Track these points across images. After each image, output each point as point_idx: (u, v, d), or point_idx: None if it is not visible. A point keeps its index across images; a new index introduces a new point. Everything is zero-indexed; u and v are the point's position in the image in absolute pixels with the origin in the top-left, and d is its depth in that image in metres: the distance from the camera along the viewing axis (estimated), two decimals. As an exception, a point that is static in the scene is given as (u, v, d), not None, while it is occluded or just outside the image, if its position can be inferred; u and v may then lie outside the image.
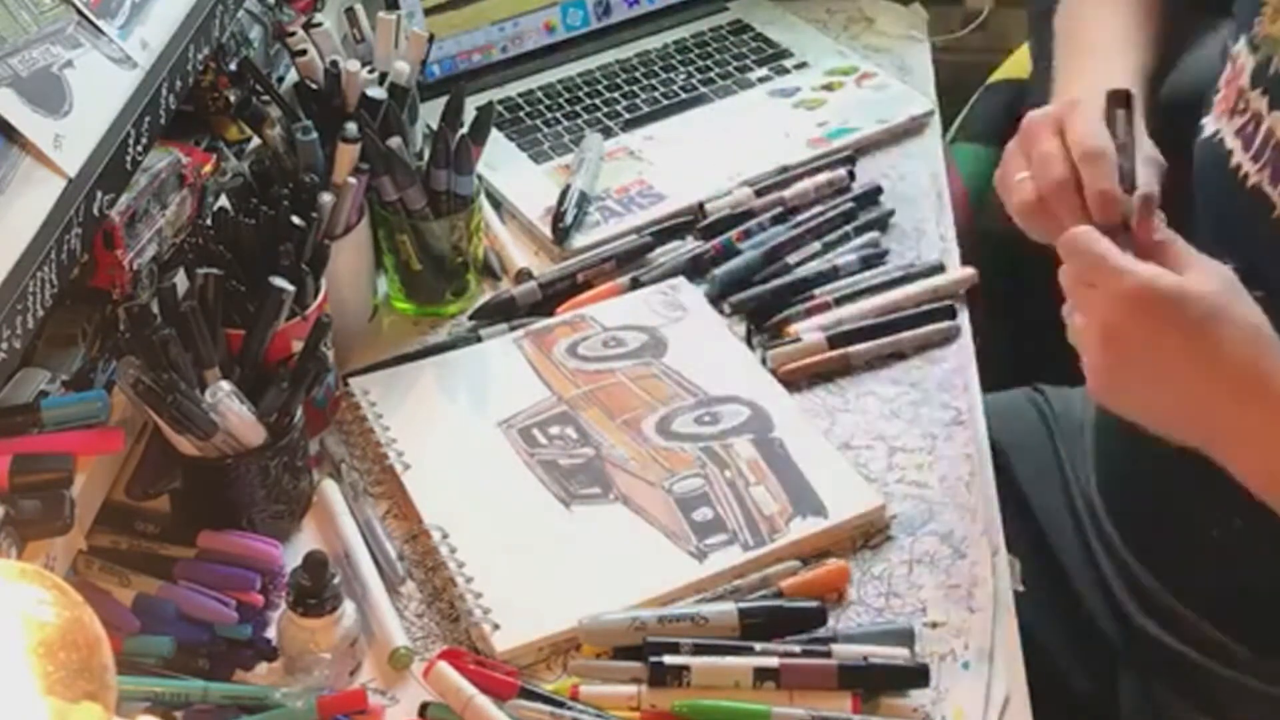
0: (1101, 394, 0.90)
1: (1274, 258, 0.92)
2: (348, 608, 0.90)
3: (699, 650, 0.88)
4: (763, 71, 1.44)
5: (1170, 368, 0.85)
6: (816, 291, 1.17)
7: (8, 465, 0.87)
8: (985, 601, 0.94)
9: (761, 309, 1.16)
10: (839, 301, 1.16)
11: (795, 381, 1.10)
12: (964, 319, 1.16)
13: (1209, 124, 0.99)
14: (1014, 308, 1.30)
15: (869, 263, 1.20)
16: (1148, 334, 0.85)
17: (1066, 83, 1.08)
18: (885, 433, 1.07)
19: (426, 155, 1.15)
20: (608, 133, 1.36)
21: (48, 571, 0.75)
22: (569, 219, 1.24)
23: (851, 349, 1.12)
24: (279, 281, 0.98)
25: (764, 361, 1.11)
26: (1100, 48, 1.09)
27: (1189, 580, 0.98)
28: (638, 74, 1.44)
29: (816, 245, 1.22)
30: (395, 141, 1.11)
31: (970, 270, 1.18)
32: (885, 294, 1.16)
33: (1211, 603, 1.01)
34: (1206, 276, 0.86)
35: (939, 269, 1.19)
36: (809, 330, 1.13)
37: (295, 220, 1.02)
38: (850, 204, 1.25)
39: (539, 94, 1.42)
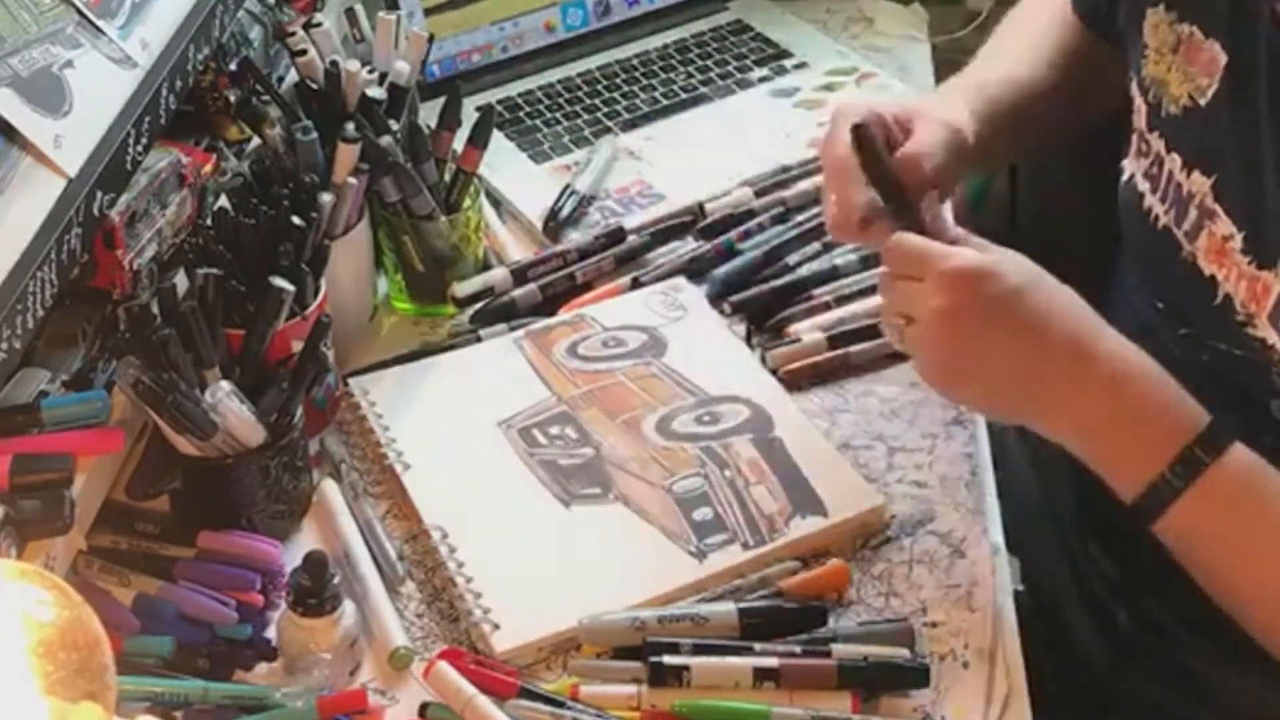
0: (940, 381, 0.93)
1: (1188, 296, 0.95)
2: (348, 608, 0.90)
3: (699, 650, 0.88)
4: (763, 71, 1.44)
5: (1002, 336, 0.88)
6: (816, 291, 1.17)
7: (8, 465, 0.87)
8: (985, 601, 0.94)
9: (762, 309, 1.16)
10: (839, 301, 1.15)
11: (796, 382, 1.10)
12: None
13: (1126, 166, 1.02)
14: None
15: (869, 262, 1.20)
16: (980, 306, 0.88)
17: (941, 86, 1.14)
18: (885, 433, 1.07)
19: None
20: (607, 133, 1.36)
21: (48, 571, 0.75)
22: (563, 215, 1.25)
23: (852, 349, 1.12)
24: (279, 281, 0.98)
25: (764, 361, 1.11)
26: (986, 60, 1.14)
27: (1172, 588, 0.98)
28: (638, 74, 1.45)
29: (817, 245, 1.22)
30: (385, 140, 1.11)
31: None
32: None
33: (1198, 610, 1.01)
34: (1014, 254, 0.90)
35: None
36: (809, 330, 1.13)
37: (295, 220, 1.02)
38: (850, 204, 1.25)
39: (539, 94, 1.42)
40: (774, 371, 1.10)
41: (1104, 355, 0.88)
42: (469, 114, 1.20)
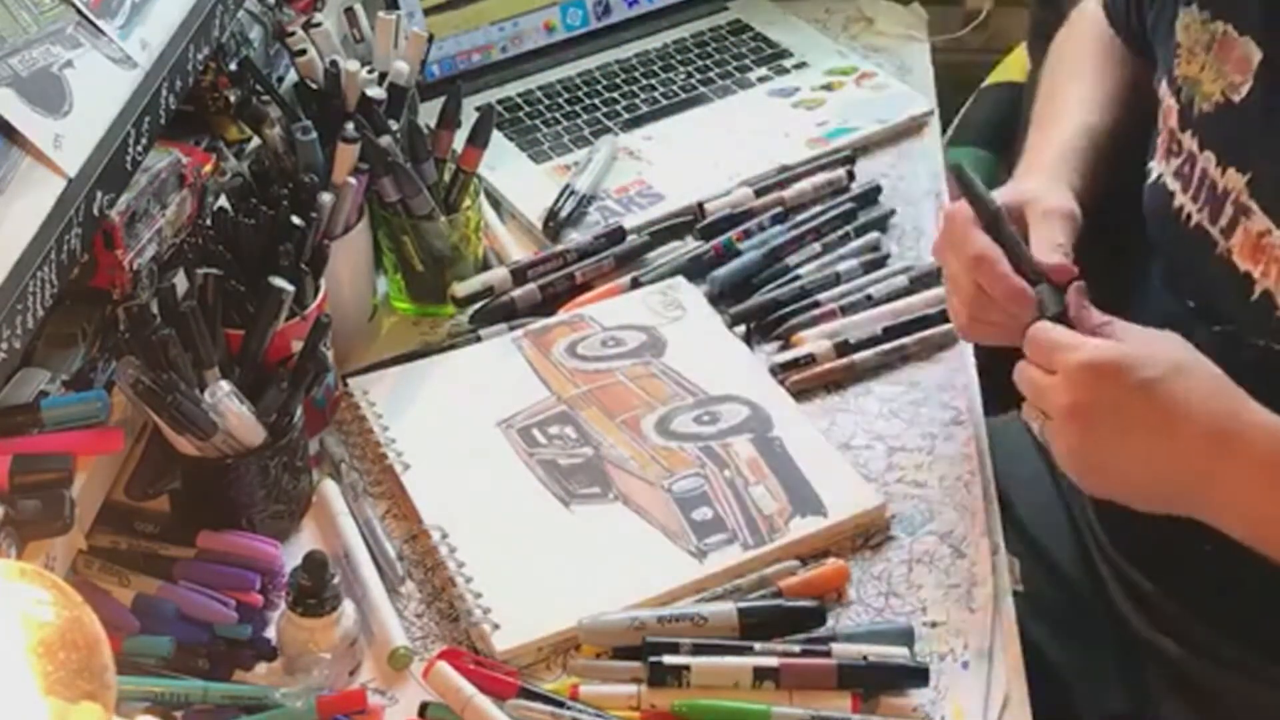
0: (1082, 478, 0.91)
1: (1223, 294, 0.94)
2: (347, 608, 0.90)
3: (699, 650, 0.88)
4: (762, 71, 1.44)
5: (1137, 433, 0.86)
6: (822, 298, 1.16)
7: (8, 465, 0.87)
8: (985, 601, 0.94)
9: (764, 318, 1.16)
10: (844, 310, 1.15)
11: (804, 391, 1.10)
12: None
13: (1153, 167, 1.01)
14: None
15: (871, 267, 1.20)
16: (1110, 402, 0.86)
17: (1028, 152, 1.11)
18: (885, 433, 1.07)
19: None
20: (607, 132, 1.36)
21: (47, 571, 0.75)
22: (562, 215, 1.25)
23: (858, 356, 1.11)
24: (278, 281, 0.98)
25: (774, 374, 1.10)
26: (1052, 115, 1.13)
27: (1188, 588, 0.98)
28: (637, 74, 1.45)
29: (816, 246, 1.22)
30: (385, 140, 1.11)
31: None
32: (893, 303, 1.16)
33: (1211, 609, 1.01)
34: (1156, 340, 0.88)
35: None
36: (816, 339, 1.13)
37: (295, 220, 1.02)
38: (850, 204, 1.26)
39: (539, 94, 1.42)
40: (782, 383, 1.10)
41: (1250, 434, 0.85)
42: (469, 114, 1.20)
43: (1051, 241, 0.97)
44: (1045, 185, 1.03)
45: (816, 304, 1.16)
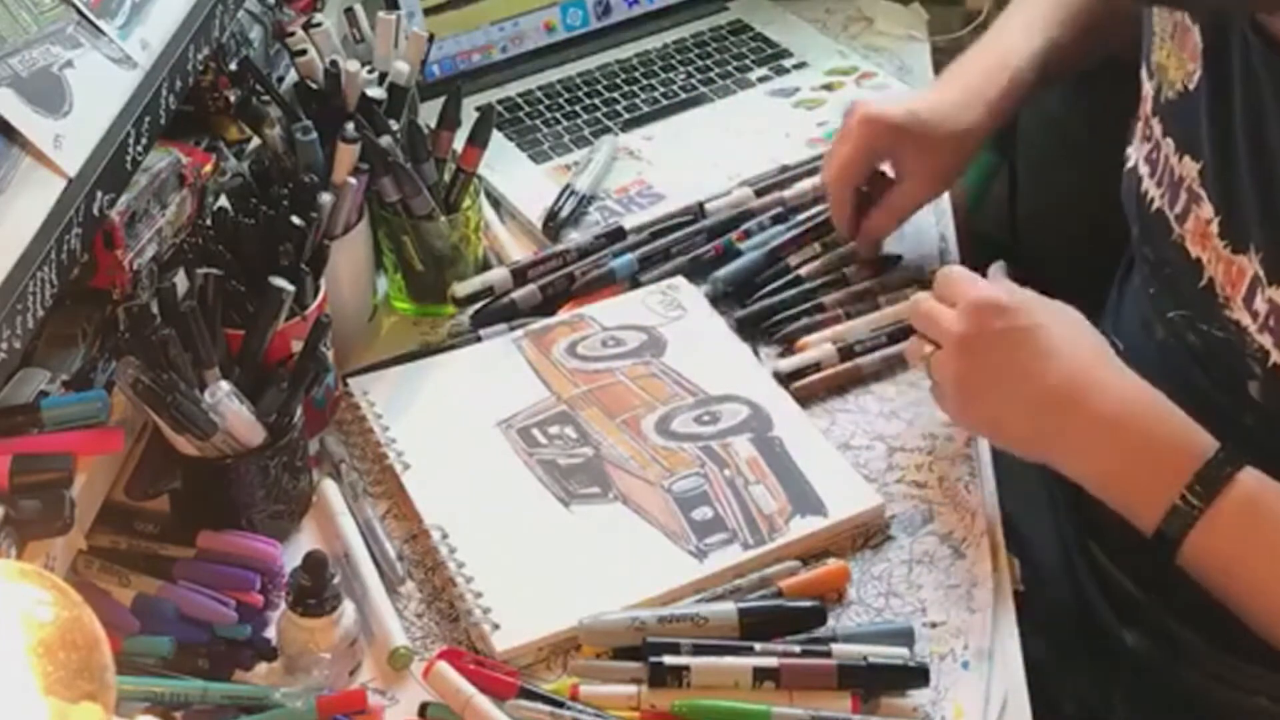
0: (957, 409, 0.98)
1: (1180, 278, 0.97)
2: (347, 608, 0.90)
3: (699, 650, 0.88)
4: (762, 71, 1.44)
5: (1010, 371, 0.93)
6: (826, 301, 1.16)
7: (8, 465, 0.87)
8: (985, 601, 0.94)
9: (767, 322, 1.16)
10: (849, 315, 1.15)
11: (809, 397, 1.09)
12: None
13: (1130, 153, 1.03)
14: None
15: (878, 269, 1.19)
16: (995, 336, 0.93)
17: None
18: (885, 433, 1.07)
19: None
20: (607, 132, 1.36)
21: (47, 571, 0.75)
22: (562, 215, 1.25)
23: (863, 360, 1.11)
24: (279, 281, 0.98)
25: (778, 379, 1.10)
26: (993, 32, 1.19)
27: (1171, 592, 0.98)
28: (638, 74, 1.45)
29: (816, 246, 1.22)
30: (385, 140, 1.11)
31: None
32: (898, 306, 1.15)
33: (1194, 613, 1.01)
34: (1053, 302, 0.95)
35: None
36: (819, 343, 1.12)
37: (295, 220, 1.02)
38: (850, 204, 1.25)
39: (539, 94, 1.42)
40: (786, 388, 1.09)
41: (1105, 389, 0.91)
42: (469, 114, 1.20)
43: (892, 206, 1.13)
44: (960, 102, 1.13)
45: (821, 307, 1.16)
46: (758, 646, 0.89)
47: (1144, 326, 1.03)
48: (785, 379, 1.10)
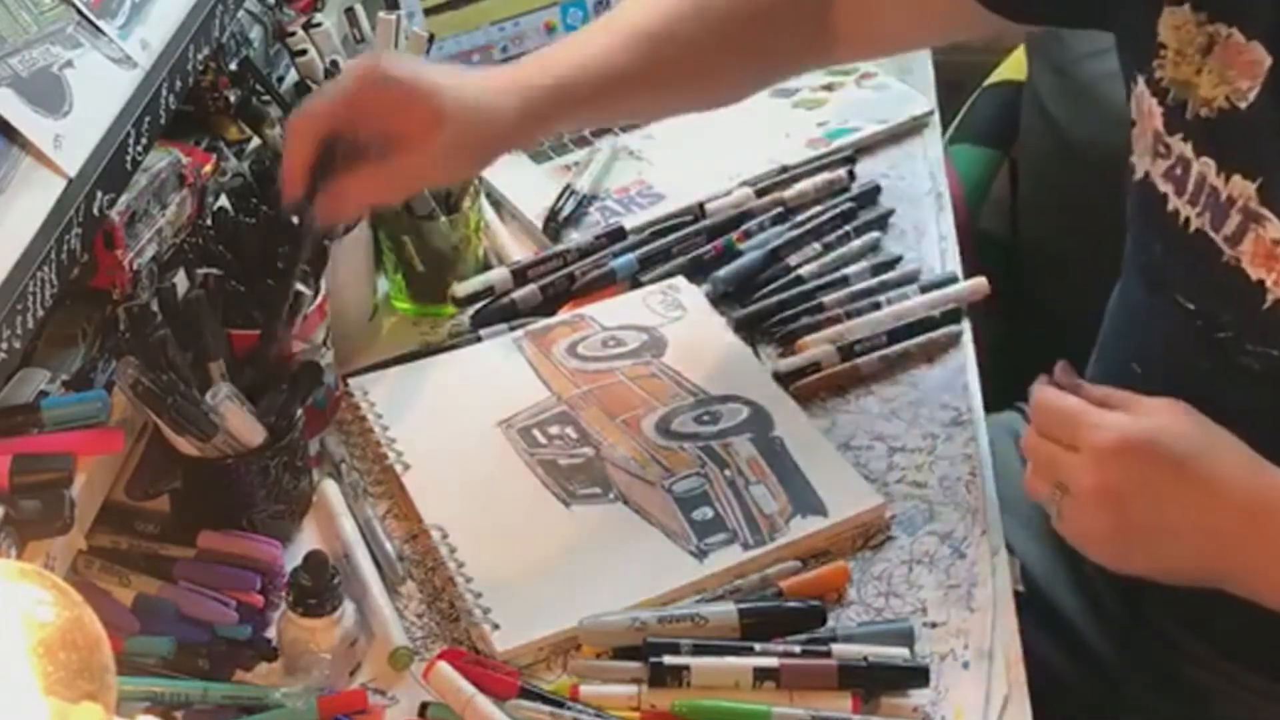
0: (1115, 560, 0.89)
1: (1229, 301, 0.92)
2: (348, 608, 0.90)
3: (699, 650, 0.88)
4: (763, 71, 1.44)
5: (1173, 512, 0.85)
6: (826, 301, 1.16)
7: (8, 465, 0.87)
8: (985, 601, 0.94)
9: (767, 322, 1.16)
10: (849, 315, 1.15)
11: (809, 396, 1.09)
12: (966, 321, 1.16)
13: (1137, 164, 0.98)
14: (1007, 309, 1.30)
15: (879, 270, 1.19)
16: (1143, 481, 0.85)
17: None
18: (885, 433, 1.07)
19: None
20: (608, 132, 1.36)
21: (48, 571, 0.75)
22: (563, 215, 1.25)
23: (862, 360, 1.11)
24: (299, 286, 0.97)
25: (776, 379, 1.10)
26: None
27: (1173, 591, 0.98)
28: (638, 74, 1.44)
29: (817, 246, 1.22)
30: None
31: (981, 280, 1.17)
32: (897, 306, 1.15)
33: (1197, 617, 1.01)
34: (1174, 411, 0.86)
35: (952, 279, 1.18)
36: (819, 343, 1.12)
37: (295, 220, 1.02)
38: (850, 204, 1.25)
39: (539, 94, 1.42)
40: (785, 386, 1.09)
41: (1274, 506, 0.84)
42: (468, 114, 1.20)
43: (349, 192, 0.93)
44: (491, 95, 0.95)
45: (821, 307, 1.16)
46: (758, 646, 0.89)
47: (1165, 344, 0.98)
48: (785, 379, 1.10)
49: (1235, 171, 0.90)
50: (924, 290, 1.17)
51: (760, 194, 1.27)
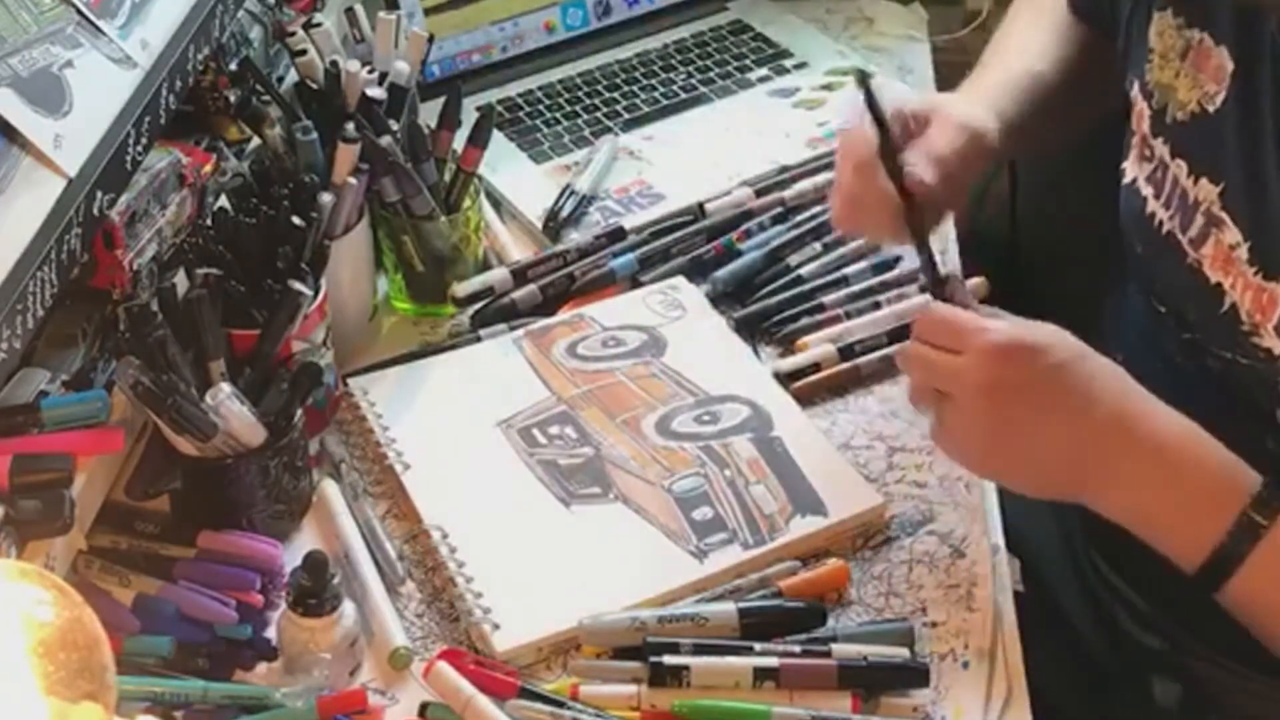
0: (979, 457, 0.91)
1: (1192, 302, 0.94)
2: (348, 608, 0.90)
3: (699, 650, 0.88)
4: (762, 71, 1.44)
5: (1053, 413, 0.87)
6: (827, 301, 1.16)
7: (8, 465, 0.87)
8: (985, 601, 0.94)
9: (768, 320, 1.16)
10: (849, 315, 1.15)
11: (809, 397, 1.09)
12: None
13: (1127, 169, 1.01)
14: (1007, 309, 1.29)
15: (880, 270, 1.19)
16: (1026, 381, 0.87)
17: (966, 83, 1.13)
18: (885, 433, 1.07)
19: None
20: (607, 132, 1.36)
21: (48, 571, 0.75)
22: (563, 215, 1.25)
23: (862, 360, 1.11)
24: (297, 285, 0.97)
25: (777, 379, 1.10)
26: (1005, 55, 1.14)
27: (1173, 590, 0.98)
28: (638, 74, 1.45)
29: (817, 246, 1.22)
30: (385, 140, 1.11)
31: (980, 280, 1.18)
32: (897, 306, 1.15)
33: (1200, 616, 1.01)
34: (1055, 329, 0.88)
35: (953, 279, 1.18)
36: (819, 343, 1.12)
37: (295, 220, 1.02)
38: (850, 204, 1.25)
39: (539, 94, 1.42)
40: (786, 387, 1.09)
41: (1150, 427, 0.87)
42: (469, 114, 1.20)
43: (929, 148, 0.98)
44: (961, 101, 1.05)
45: (821, 307, 1.16)
46: (758, 646, 0.89)
47: (1150, 343, 1.00)
48: (785, 379, 1.09)
49: (1203, 175, 0.92)
50: (924, 290, 1.17)
51: (760, 194, 1.27)
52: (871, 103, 0.96)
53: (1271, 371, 0.89)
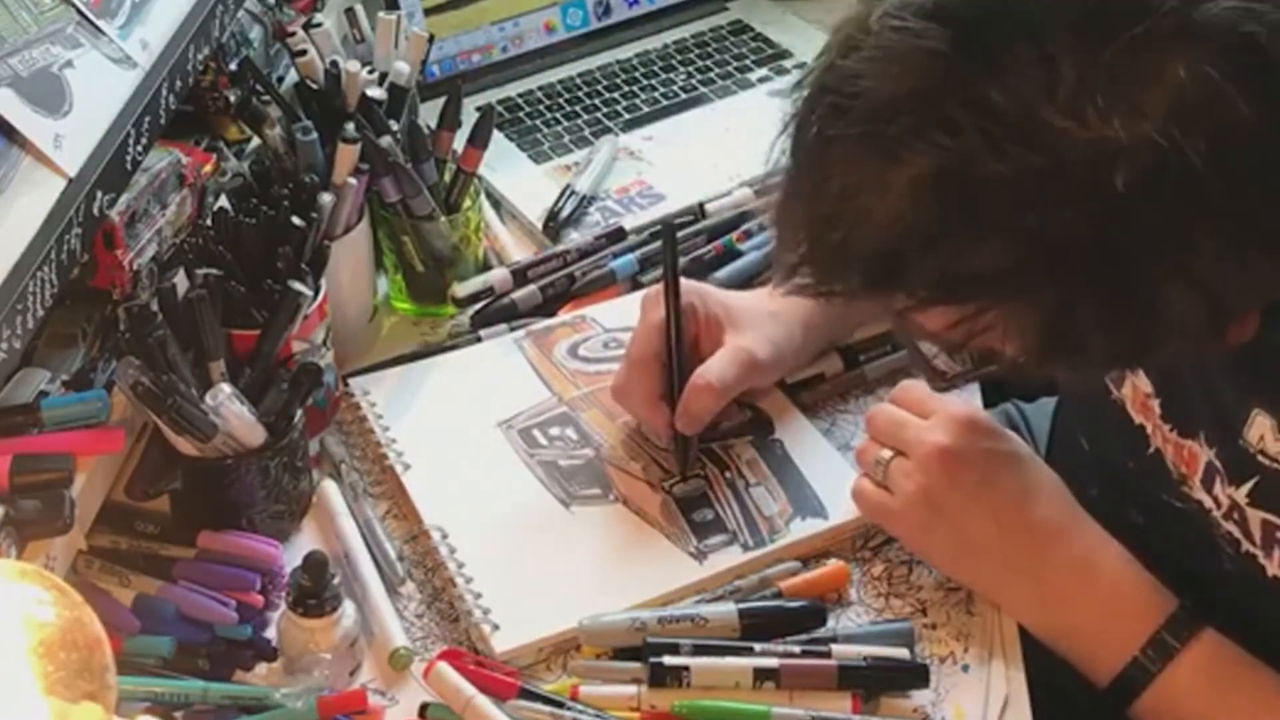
0: (917, 521, 0.93)
1: (1123, 441, 0.94)
2: (348, 608, 0.90)
3: (699, 651, 0.88)
4: (763, 72, 1.44)
5: (997, 492, 0.90)
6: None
7: (8, 465, 0.87)
8: (985, 603, 0.94)
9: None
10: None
11: (816, 405, 1.09)
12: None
13: None
14: None
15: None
16: (983, 456, 0.91)
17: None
18: (885, 433, 1.07)
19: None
20: (607, 133, 1.36)
21: (48, 571, 0.75)
22: (563, 215, 1.25)
23: (869, 367, 1.11)
24: (297, 285, 0.97)
25: (783, 390, 1.10)
26: None
27: (1173, 589, 0.98)
28: (638, 74, 1.45)
29: (817, 246, 1.21)
30: (385, 140, 1.11)
31: None
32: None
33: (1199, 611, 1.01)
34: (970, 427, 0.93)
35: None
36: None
37: (295, 221, 1.02)
38: (850, 204, 1.25)
39: (539, 94, 1.42)
40: (789, 393, 1.09)
41: (1082, 541, 0.90)
42: (469, 114, 1.20)
43: (714, 377, 0.99)
44: (757, 322, 1.04)
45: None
46: (758, 647, 0.89)
47: (1073, 472, 0.98)
48: (791, 389, 1.09)
49: None
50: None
51: (760, 194, 1.27)
52: (670, 262, 1.01)
53: (1206, 524, 0.88)
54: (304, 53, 1.15)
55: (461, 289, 1.17)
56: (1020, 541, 0.90)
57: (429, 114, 1.21)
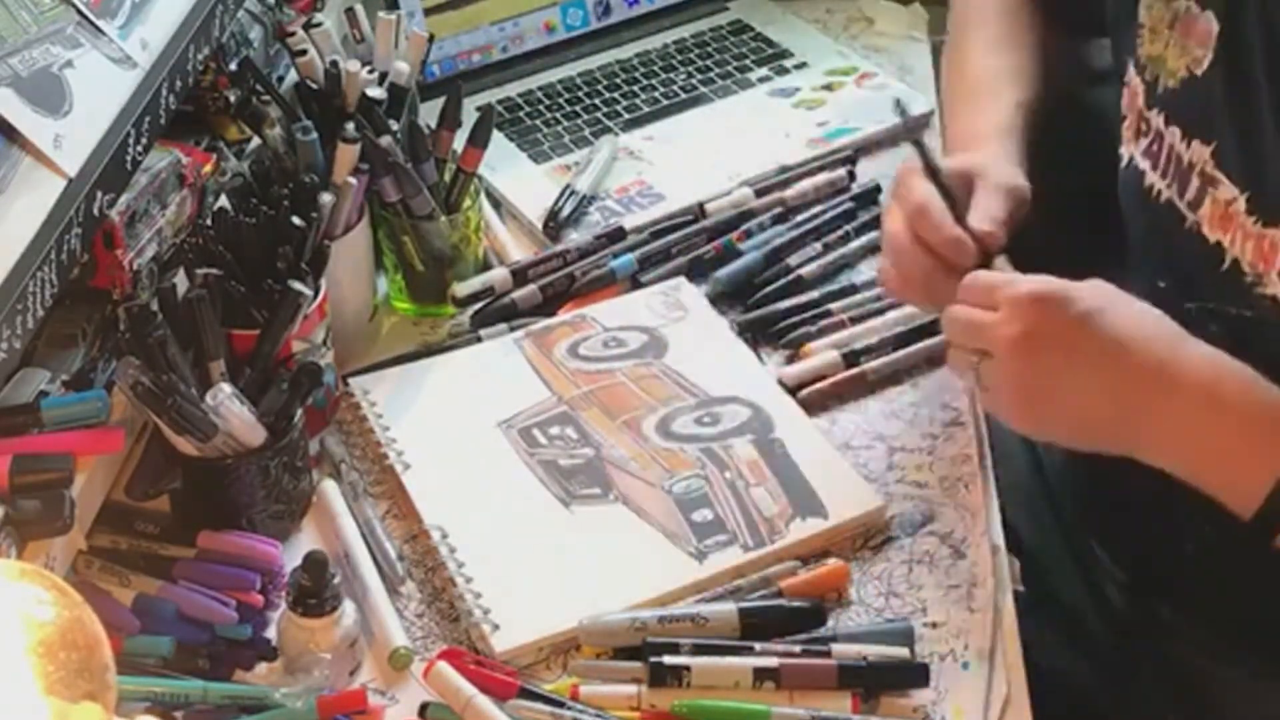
0: (1023, 413, 0.91)
1: (1194, 267, 0.94)
2: (348, 608, 0.90)
3: (699, 650, 0.88)
4: (763, 71, 1.44)
5: (1082, 362, 0.87)
6: (833, 307, 1.16)
7: (8, 465, 0.87)
8: (985, 601, 0.94)
9: (772, 327, 1.15)
10: (854, 320, 1.14)
11: (816, 404, 1.09)
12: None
13: (1124, 151, 1.01)
14: None
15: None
16: (1056, 330, 0.87)
17: (952, 127, 1.14)
18: (885, 433, 1.07)
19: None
20: (607, 132, 1.36)
21: (48, 571, 0.75)
22: (563, 215, 1.25)
23: (868, 365, 1.11)
24: (297, 285, 0.97)
25: (781, 384, 1.10)
26: (979, 90, 1.13)
27: (1176, 587, 0.98)
28: (638, 74, 1.45)
29: (818, 246, 1.22)
30: (385, 140, 1.11)
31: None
32: (900, 310, 1.15)
33: (1201, 608, 1.01)
34: (1092, 281, 0.89)
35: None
36: (824, 349, 1.12)
37: (295, 220, 1.02)
38: (850, 204, 1.25)
39: (539, 94, 1.42)
40: (793, 394, 1.09)
41: (1192, 365, 0.86)
42: (469, 114, 1.20)
43: (989, 213, 0.98)
44: (993, 160, 1.04)
45: (828, 313, 1.15)
46: (758, 646, 0.89)
47: None
48: (791, 389, 1.09)
49: (1195, 137, 0.93)
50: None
51: (760, 194, 1.27)
52: (926, 158, 0.98)
53: (1278, 321, 0.88)
54: (304, 53, 1.15)
55: (461, 289, 1.17)
56: (1129, 393, 0.87)
57: (429, 114, 1.21)
